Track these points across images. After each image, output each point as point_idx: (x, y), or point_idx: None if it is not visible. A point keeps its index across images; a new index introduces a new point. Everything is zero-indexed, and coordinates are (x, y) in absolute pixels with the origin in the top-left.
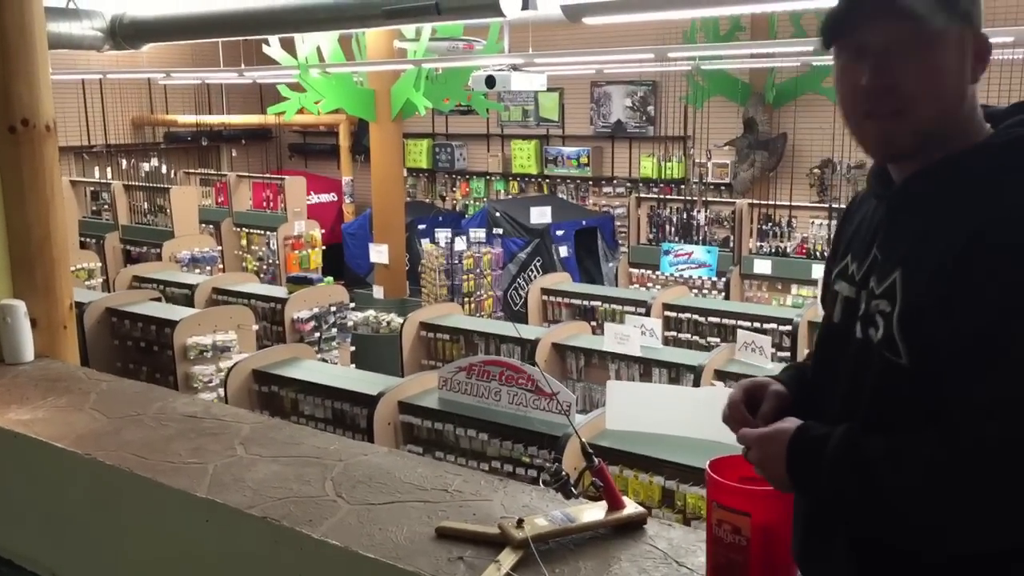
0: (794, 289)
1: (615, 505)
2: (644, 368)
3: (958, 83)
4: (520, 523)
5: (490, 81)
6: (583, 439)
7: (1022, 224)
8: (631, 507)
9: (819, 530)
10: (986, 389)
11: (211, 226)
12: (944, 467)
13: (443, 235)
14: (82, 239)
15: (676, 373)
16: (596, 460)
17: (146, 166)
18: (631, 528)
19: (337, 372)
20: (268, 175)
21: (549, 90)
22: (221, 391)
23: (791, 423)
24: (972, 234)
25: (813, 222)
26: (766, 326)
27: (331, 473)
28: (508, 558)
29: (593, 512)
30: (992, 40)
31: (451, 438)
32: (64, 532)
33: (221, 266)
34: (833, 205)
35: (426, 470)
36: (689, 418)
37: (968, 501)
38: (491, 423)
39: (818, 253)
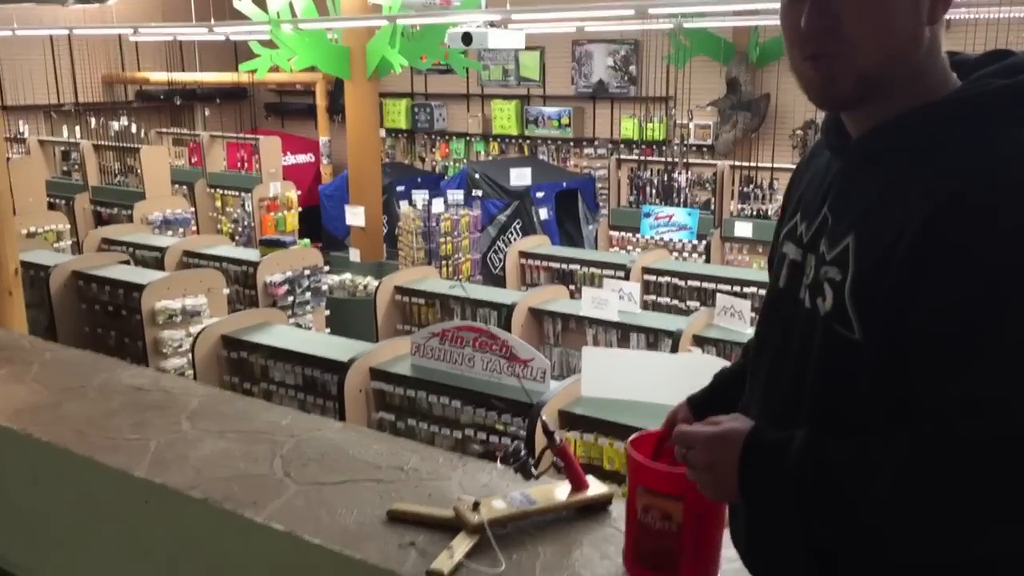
0: None
1: (578, 485)
2: (622, 333)
3: (910, 23)
4: (476, 506)
5: (467, 38)
6: (543, 417)
7: (1008, 186)
8: (596, 487)
9: (770, 533)
10: (971, 383)
11: (184, 187)
12: (925, 474)
13: (420, 197)
14: (51, 200)
15: (654, 338)
16: (558, 438)
17: (116, 125)
18: (595, 509)
19: (308, 337)
20: (242, 135)
21: (530, 49)
22: (191, 356)
23: (743, 423)
24: (948, 197)
25: None
26: (746, 290)
27: (281, 450)
28: (462, 544)
29: (555, 493)
30: None
31: (424, 405)
32: (16, 519)
33: (194, 228)
34: None
35: (382, 446)
36: (666, 384)
37: (953, 510)
38: (465, 390)
39: None
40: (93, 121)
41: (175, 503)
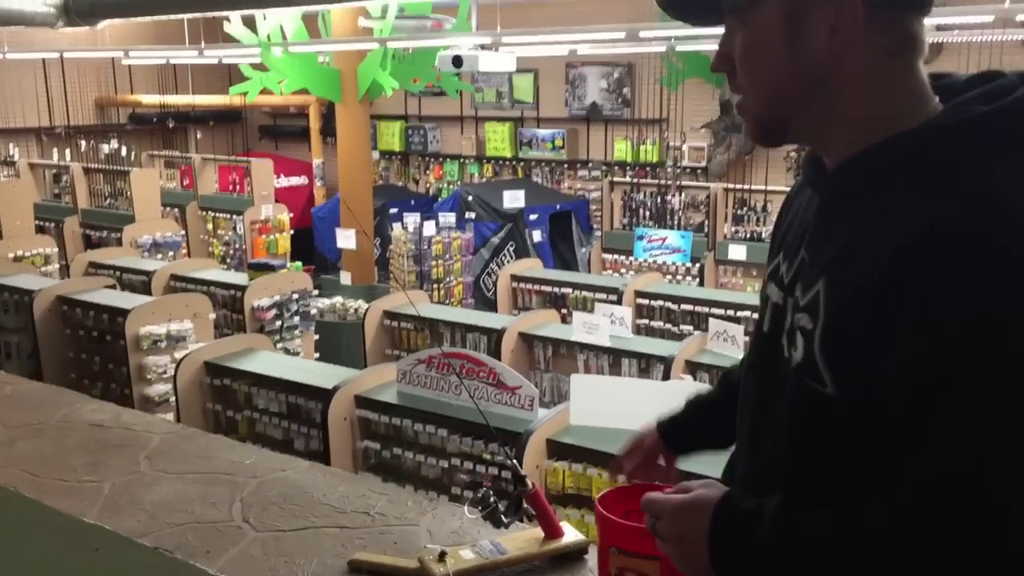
0: None
1: (552, 533)
2: (613, 359)
3: (782, 54)
4: (443, 556)
5: (457, 61)
6: (513, 459)
7: (975, 231)
8: (571, 534)
9: None
10: (944, 449)
11: (176, 210)
12: (902, 550)
13: (412, 219)
14: (40, 223)
15: (646, 363)
16: (530, 483)
17: (106, 148)
18: (570, 559)
19: (293, 364)
20: (235, 157)
21: (523, 71)
22: (174, 383)
23: (714, 491)
24: (909, 241)
25: None
26: (740, 314)
27: (241, 493)
28: None
29: (528, 542)
30: (964, 19)
31: (410, 434)
32: None
33: (185, 251)
34: None
35: (348, 488)
36: (656, 413)
37: None
38: (451, 418)
39: None
40: (83, 144)
41: (124, 551)
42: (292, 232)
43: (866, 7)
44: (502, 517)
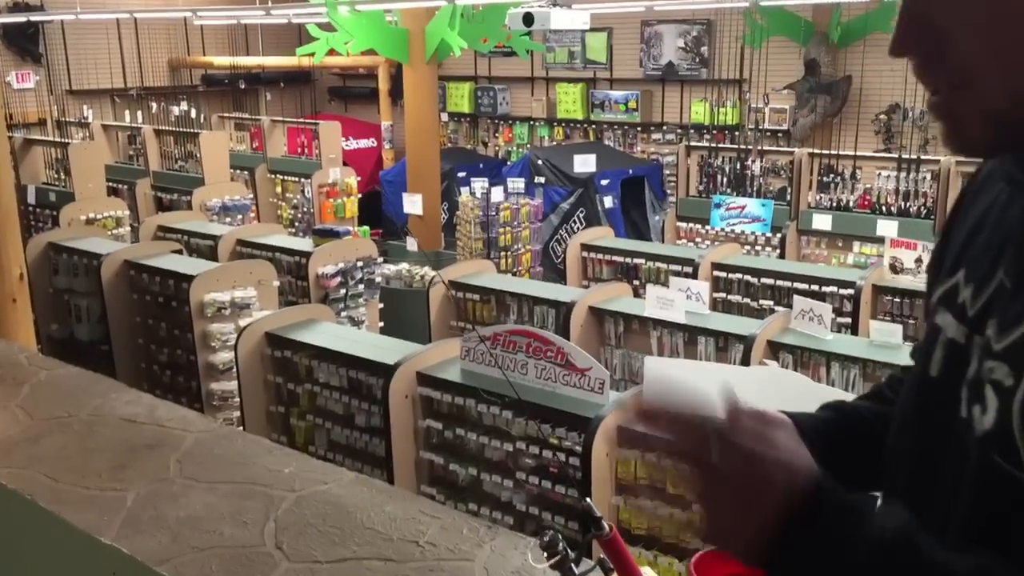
0: (856, 247)
1: None
2: (689, 336)
3: None
4: None
5: (528, 19)
6: (589, 499)
7: None
8: None
9: None
10: None
11: (245, 173)
12: None
13: (479, 185)
14: (114, 185)
15: (724, 342)
16: (607, 526)
17: (176, 110)
18: None
19: (355, 337)
20: (303, 119)
21: (596, 30)
22: (234, 353)
23: (809, 460)
24: None
25: (879, 173)
26: (825, 289)
27: (277, 510)
28: None
29: None
30: None
31: (473, 414)
32: None
33: (254, 215)
34: (902, 155)
35: (396, 508)
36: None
37: None
38: (516, 399)
39: (883, 207)
40: (154, 106)
41: None
42: (360, 196)
43: None
44: (572, 567)
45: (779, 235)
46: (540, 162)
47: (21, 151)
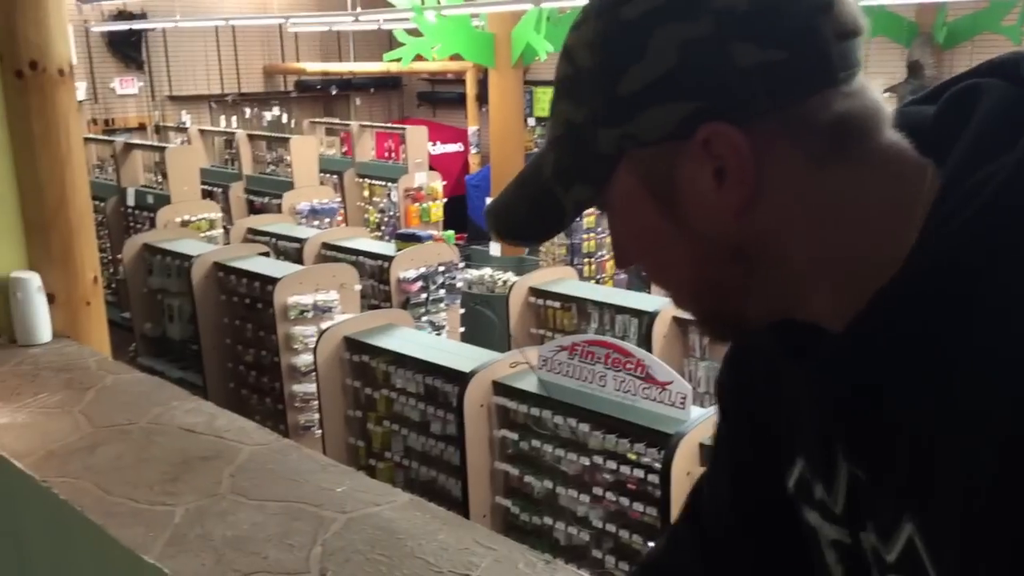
0: None
1: None
2: None
3: (674, 227)
4: None
5: None
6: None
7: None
8: None
9: None
10: None
11: (335, 177)
12: None
13: None
14: (209, 188)
15: None
16: None
17: (268, 115)
18: None
19: (432, 343)
20: (390, 124)
21: None
22: (313, 356)
23: None
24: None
25: None
26: None
27: (326, 532)
28: None
29: None
30: None
31: (550, 426)
32: (26, 573)
33: (341, 218)
34: None
35: (449, 536)
36: None
37: None
38: (594, 412)
39: None
40: (248, 111)
41: None
42: (446, 200)
43: (738, 123)
44: None
45: None
46: None
47: (122, 155)
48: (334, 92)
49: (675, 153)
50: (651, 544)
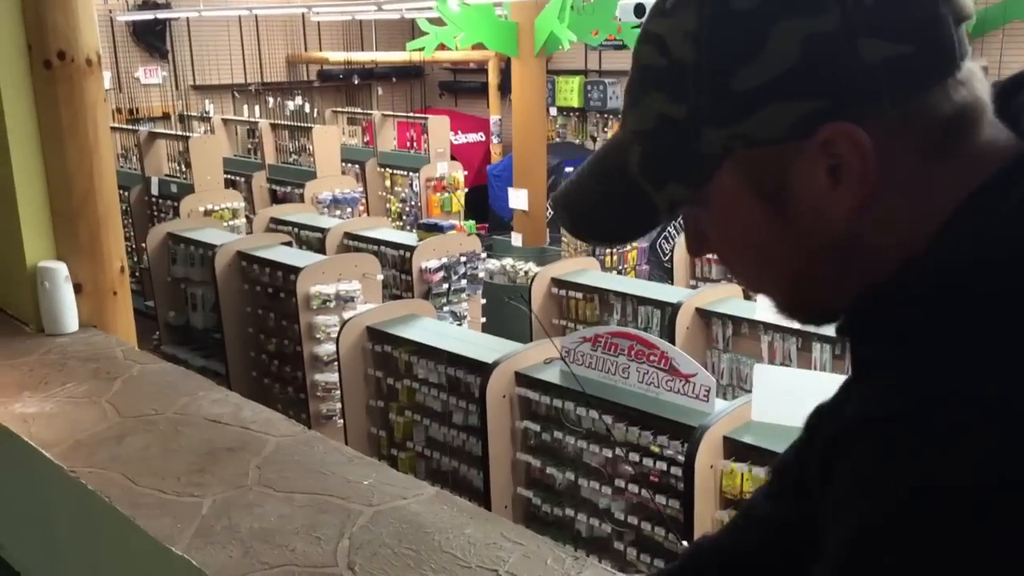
0: None
1: None
2: (802, 342)
3: (782, 228)
4: None
5: (639, 10)
6: (686, 543)
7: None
8: None
9: None
10: None
11: (356, 166)
12: None
13: None
14: (231, 178)
15: (841, 350)
16: None
17: (291, 104)
18: None
19: (454, 333)
20: (412, 114)
21: None
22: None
23: None
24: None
25: None
26: None
27: (352, 525)
28: None
29: None
30: None
31: (572, 417)
32: (55, 562)
33: (363, 208)
34: None
35: (476, 530)
36: None
37: None
38: (617, 404)
39: None
40: (271, 101)
41: None
42: (467, 190)
43: (859, 121)
44: None
45: None
46: None
47: (146, 144)
48: (356, 81)
49: (790, 153)
50: (671, 537)
